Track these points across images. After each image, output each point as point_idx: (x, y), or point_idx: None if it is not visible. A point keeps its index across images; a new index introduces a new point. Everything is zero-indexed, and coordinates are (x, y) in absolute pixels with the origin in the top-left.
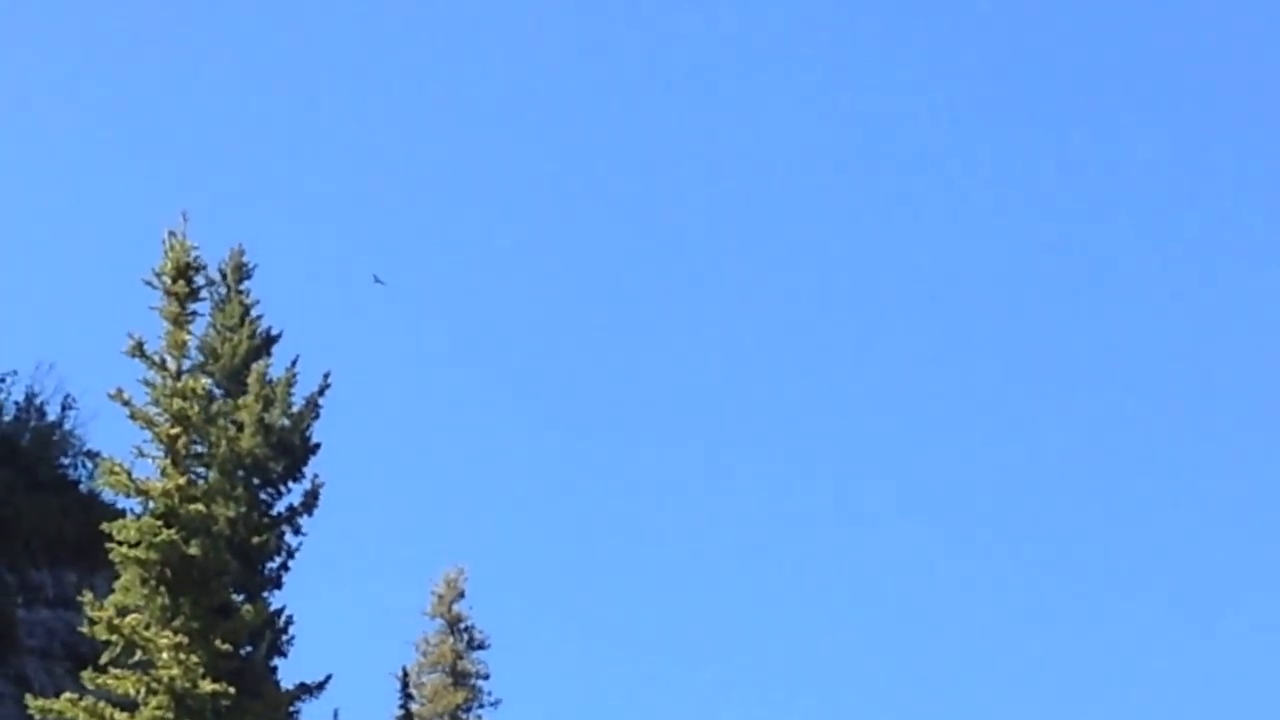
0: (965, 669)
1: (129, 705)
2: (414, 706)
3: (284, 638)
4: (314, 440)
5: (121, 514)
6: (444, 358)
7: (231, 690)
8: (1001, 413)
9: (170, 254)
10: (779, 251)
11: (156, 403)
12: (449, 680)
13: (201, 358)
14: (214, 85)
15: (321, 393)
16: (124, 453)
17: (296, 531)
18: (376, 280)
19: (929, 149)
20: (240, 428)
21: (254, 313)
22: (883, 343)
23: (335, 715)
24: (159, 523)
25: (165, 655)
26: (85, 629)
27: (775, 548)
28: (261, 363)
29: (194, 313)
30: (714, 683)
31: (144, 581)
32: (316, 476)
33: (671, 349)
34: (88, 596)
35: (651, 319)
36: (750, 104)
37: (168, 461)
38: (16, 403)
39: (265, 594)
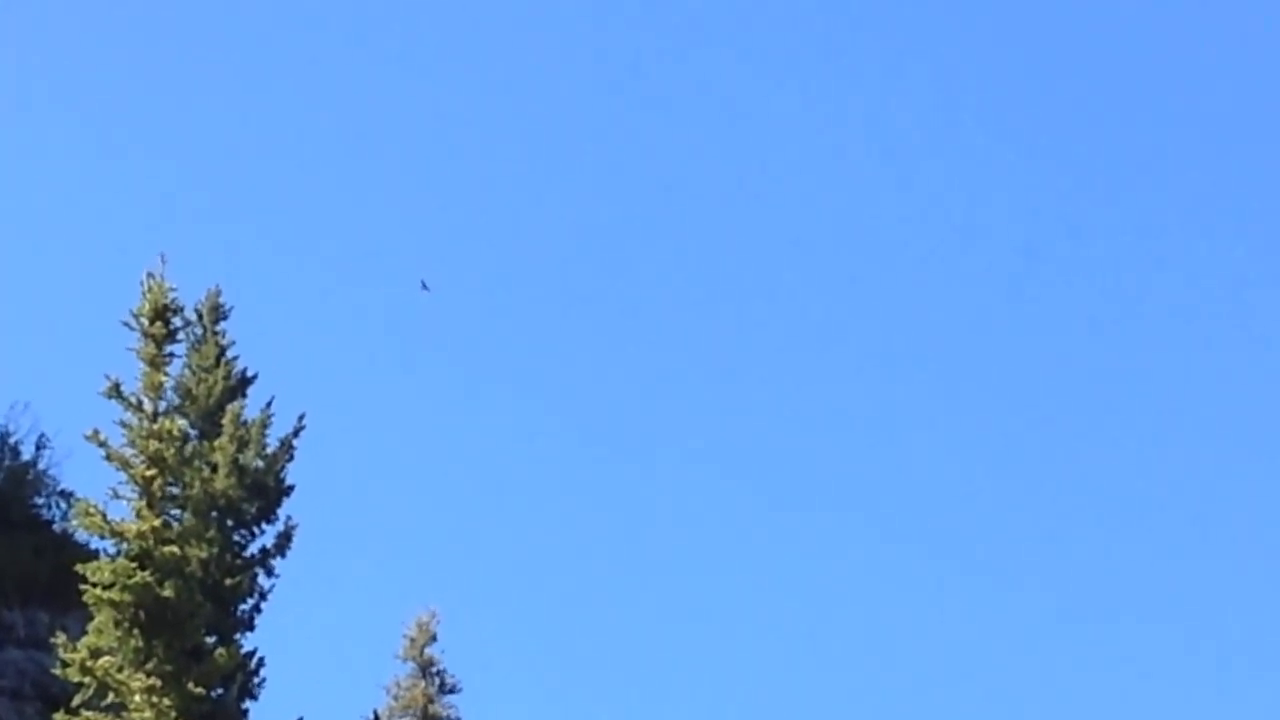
0: (935, 688)
1: None
2: None
3: (255, 680)
4: (288, 482)
5: (95, 555)
6: (421, 400)
7: None
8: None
9: (148, 295)
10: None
11: (132, 444)
12: None
13: (177, 398)
14: (191, 125)
15: (296, 434)
16: (98, 493)
17: (269, 573)
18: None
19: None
20: (214, 469)
21: (230, 354)
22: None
23: None
24: (133, 564)
25: (138, 698)
26: (58, 670)
27: (757, 584)
28: (237, 404)
29: (171, 354)
30: None
31: (117, 623)
32: (290, 518)
33: (649, 391)
34: (61, 638)
35: (627, 363)
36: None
37: (143, 503)
38: None
39: (238, 636)
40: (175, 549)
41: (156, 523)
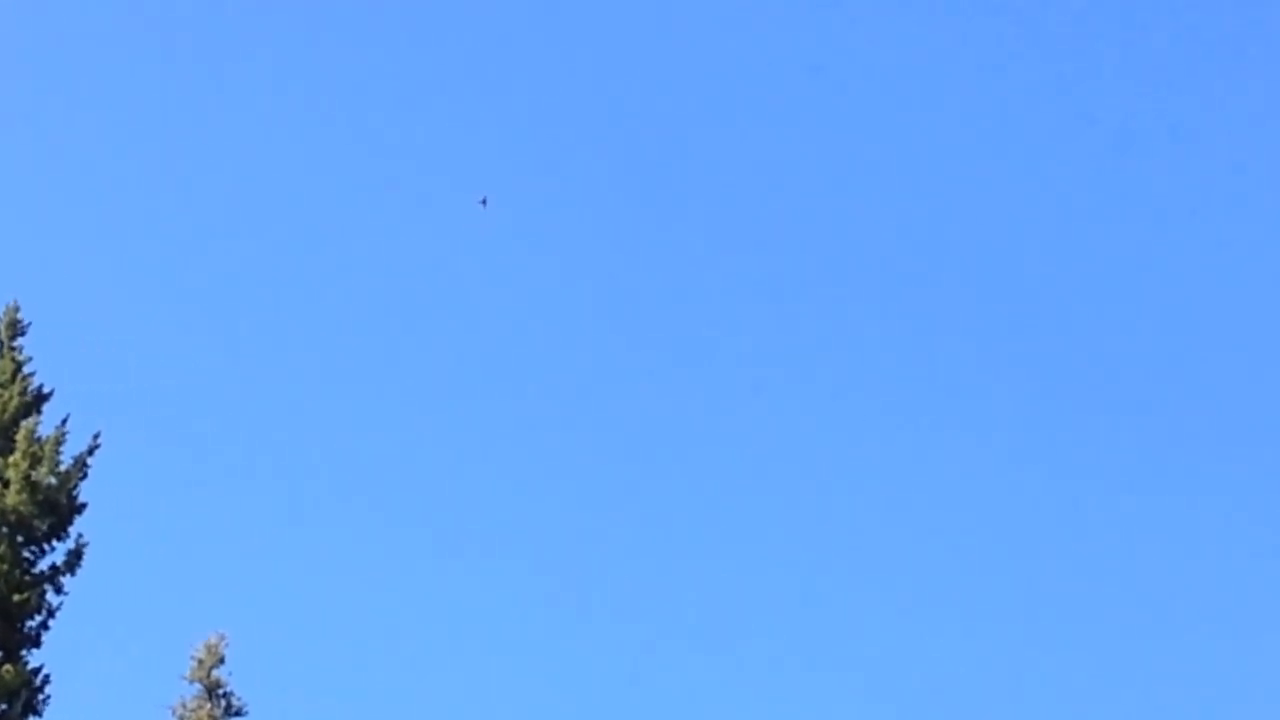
0: None
1: None
2: None
3: (41, 697)
4: (80, 499)
5: None
6: (217, 419)
7: None
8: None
9: None
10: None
11: None
12: None
13: None
14: None
15: (90, 452)
16: None
17: (59, 591)
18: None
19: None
20: (6, 485)
21: (26, 369)
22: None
23: None
24: None
25: None
26: None
27: (551, 610)
28: (31, 420)
29: None
30: None
31: None
32: (81, 536)
33: (462, 431)
34: None
35: (438, 396)
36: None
37: None
38: None
39: (24, 652)
40: None
41: None
